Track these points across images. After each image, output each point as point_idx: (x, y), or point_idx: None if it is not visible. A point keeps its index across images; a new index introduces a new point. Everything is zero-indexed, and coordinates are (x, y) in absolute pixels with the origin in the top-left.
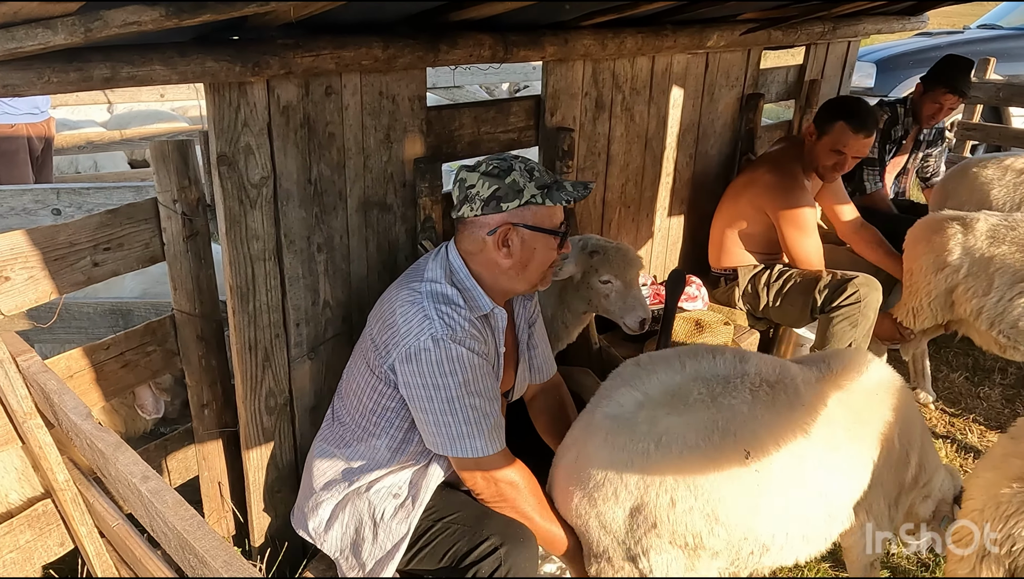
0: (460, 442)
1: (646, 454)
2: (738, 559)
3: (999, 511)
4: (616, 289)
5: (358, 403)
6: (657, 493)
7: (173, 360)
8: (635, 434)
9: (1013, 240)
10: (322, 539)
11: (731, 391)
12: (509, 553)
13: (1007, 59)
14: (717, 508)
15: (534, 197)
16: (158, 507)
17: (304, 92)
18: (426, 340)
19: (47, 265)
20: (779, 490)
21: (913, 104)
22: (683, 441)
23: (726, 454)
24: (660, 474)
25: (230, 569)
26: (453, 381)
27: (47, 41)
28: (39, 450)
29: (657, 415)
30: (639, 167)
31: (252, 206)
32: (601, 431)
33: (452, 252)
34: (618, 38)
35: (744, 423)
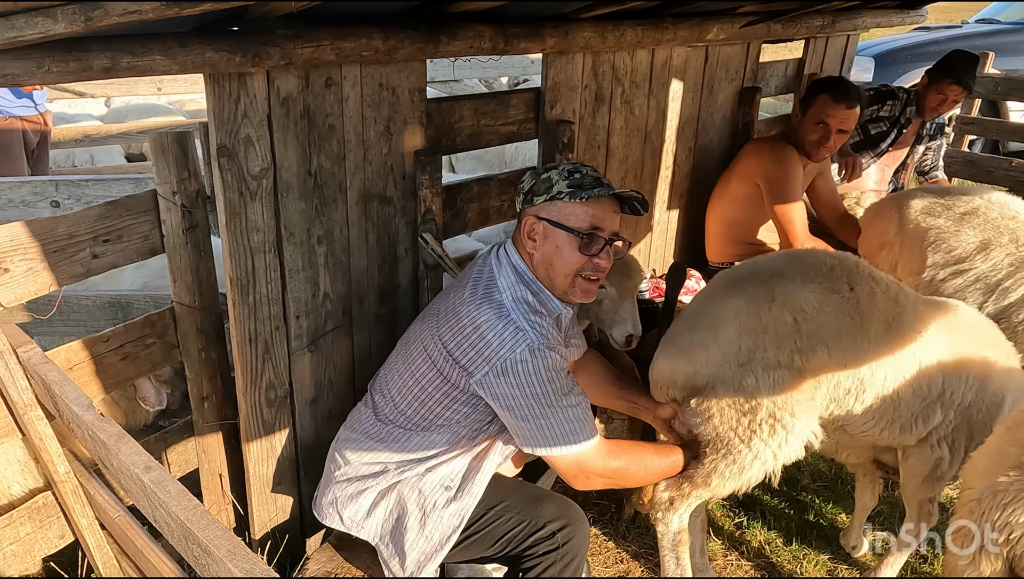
0: (564, 440)
1: (763, 281)
2: (837, 394)
3: (996, 500)
4: (609, 297)
5: (420, 406)
6: (773, 308)
7: (173, 353)
8: (756, 271)
9: (949, 217)
10: (360, 527)
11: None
12: (570, 533)
13: (1005, 53)
14: (824, 329)
15: (560, 193)
16: (161, 497)
17: (304, 83)
18: (523, 351)
19: (46, 257)
20: (878, 330)
21: (917, 96)
22: (795, 272)
23: (835, 285)
24: (774, 293)
25: (234, 558)
26: (551, 388)
27: (47, 30)
28: (40, 442)
29: (775, 263)
30: (638, 160)
31: (252, 198)
32: (721, 279)
33: (512, 254)
34: (618, 31)
35: (848, 268)
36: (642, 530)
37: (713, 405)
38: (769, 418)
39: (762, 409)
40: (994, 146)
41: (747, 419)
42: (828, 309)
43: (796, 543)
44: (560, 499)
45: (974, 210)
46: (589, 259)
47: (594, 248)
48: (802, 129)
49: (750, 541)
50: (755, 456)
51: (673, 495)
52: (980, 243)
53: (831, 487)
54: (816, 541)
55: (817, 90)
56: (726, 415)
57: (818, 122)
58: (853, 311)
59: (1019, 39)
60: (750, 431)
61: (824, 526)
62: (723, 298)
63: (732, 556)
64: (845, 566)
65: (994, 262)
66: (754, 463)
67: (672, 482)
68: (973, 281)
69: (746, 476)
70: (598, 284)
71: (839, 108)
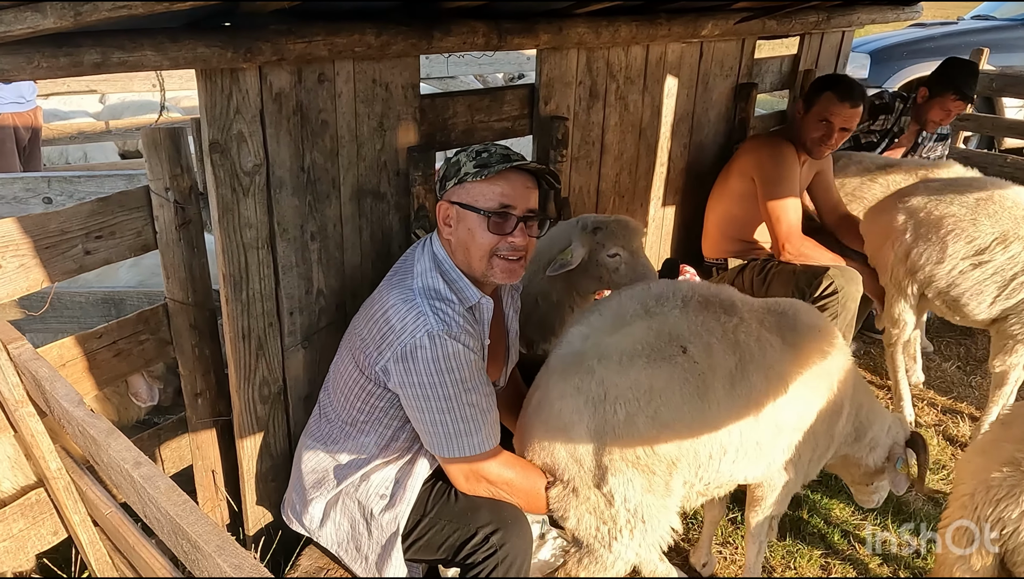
0: (458, 440)
1: (591, 372)
2: (699, 465)
3: (989, 495)
4: (625, 260)
5: (345, 402)
6: (607, 408)
7: (166, 349)
8: (582, 359)
9: (963, 204)
10: (317, 535)
11: (663, 303)
12: (504, 537)
13: (1000, 50)
14: (662, 410)
15: (467, 175)
16: (150, 493)
17: (297, 79)
18: (422, 337)
19: (38, 253)
20: (723, 386)
21: (916, 108)
22: (621, 351)
23: (663, 353)
24: (604, 387)
25: (223, 554)
26: (450, 378)
27: (36, 25)
28: (31, 438)
29: (600, 339)
30: (633, 156)
31: (245, 194)
32: (556, 369)
33: (436, 243)
34: (612, 26)
35: (676, 324)
36: None
37: (569, 507)
38: (627, 523)
39: (619, 516)
40: (989, 143)
41: (607, 527)
42: (660, 386)
43: (789, 539)
44: (493, 503)
45: (988, 197)
46: (503, 238)
47: (507, 227)
48: (804, 126)
49: (744, 535)
50: (617, 557)
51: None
52: (999, 234)
53: (824, 483)
54: (809, 537)
55: (821, 88)
56: (586, 522)
57: (821, 120)
58: (690, 376)
59: (1014, 35)
60: (610, 538)
61: (817, 522)
62: (562, 399)
63: (726, 551)
64: (838, 562)
65: (1012, 254)
66: (617, 563)
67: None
68: (991, 274)
69: (611, 573)
70: (522, 264)
71: (843, 106)
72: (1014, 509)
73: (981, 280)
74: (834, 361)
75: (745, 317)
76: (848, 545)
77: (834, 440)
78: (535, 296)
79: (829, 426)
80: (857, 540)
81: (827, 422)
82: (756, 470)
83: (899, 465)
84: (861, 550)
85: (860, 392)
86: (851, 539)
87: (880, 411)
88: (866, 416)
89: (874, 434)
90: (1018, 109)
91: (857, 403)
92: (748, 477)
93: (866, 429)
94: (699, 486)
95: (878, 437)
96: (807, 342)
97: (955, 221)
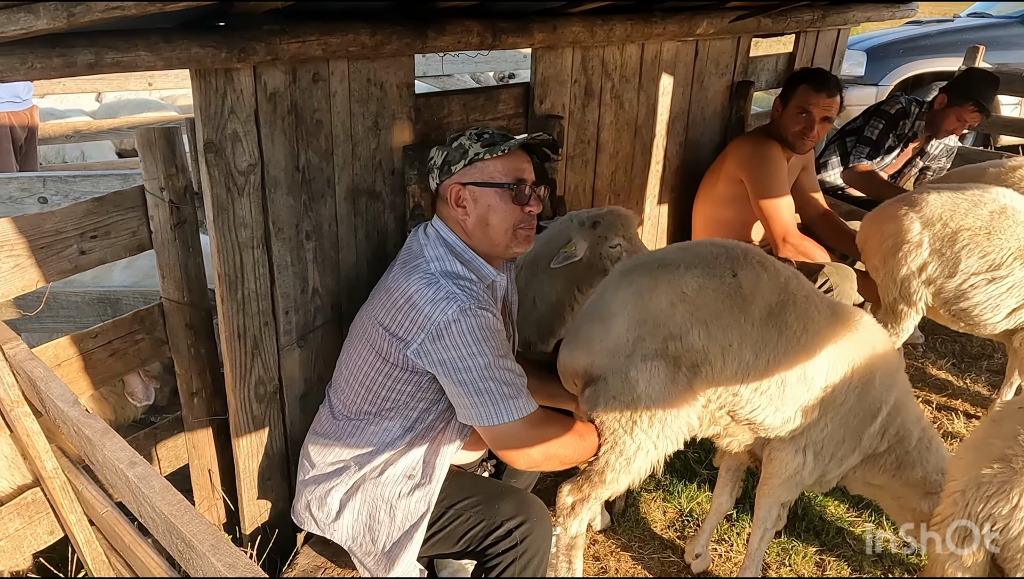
0: (505, 404)
1: (650, 272)
2: (723, 378)
3: (980, 492)
4: (626, 249)
5: (367, 393)
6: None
7: (162, 348)
8: (645, 263)
9: (978, 217)
10: (332, 529)
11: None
12: (528, 530)
13: (997, 47)
14: (702, 310)
15: (477, 154)
16: (145, 492)
17: (291, 79)
18: (454, 312)
19: (33, 253)
20: (760, 314)
21: (932, 114)
22: (681, 260)
23: (716, 271)
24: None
25: (217, 552)
26: (488, 347)
27: (29, 26)
28: (27, 438)
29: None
30: (629, 155)
31: (240, 194)
32: (616, 272)
33: (441, 228)
34: (607, 25)
35: (736, 256)
36: (632, 523)
37: (600, 395)
38: (646, 409)
39: (640, 401)
40: (985, 140)
41: (628, 411)
42: (708, 292)
43: (785, 536)
44: (519, 495)
45: (1001, 210)
46: (522, 209)
47: (525, 197)
48: (784, 121)
49: (739, 533)
50: (638, 446)
51: (575, 499)
52: (1017, 249)
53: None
54: (804, 534)
55: (796, 81)
56: (611, 406)
57: (801, 112)
58: (735, 294)
59: (1010, 33)
60: (631, 422)
61: (812, 519)
62: (615, 290)
63: (721, 549)
64: (833, 558)
65: None
66: (638, 454)
67: (574, 486)
68: (1009, 288)
69: (634, 467)
70: (534, 232)
71: (820, 96)
72: (1004, 505)
73: (996, 294)
74: (881, 357)
75: (802, 279)
76: (843, 542)
77: (861, 445)
78: (532, 297)
79: (860, 424)
80: (852, 537)
81: (859, 418)
82: (775, 417)
83: None
84: (856, 546)
85: (909, 414)
86: (846, 536)
87: (940, 453)
88: (916, 449)
89: (927, 474)
90: (1014, 107)
91: (901, 422)
92: (767, 421)
93: (914, 464)
94: (715, 404)
95: (935, 482)
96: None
97: (970, 236)
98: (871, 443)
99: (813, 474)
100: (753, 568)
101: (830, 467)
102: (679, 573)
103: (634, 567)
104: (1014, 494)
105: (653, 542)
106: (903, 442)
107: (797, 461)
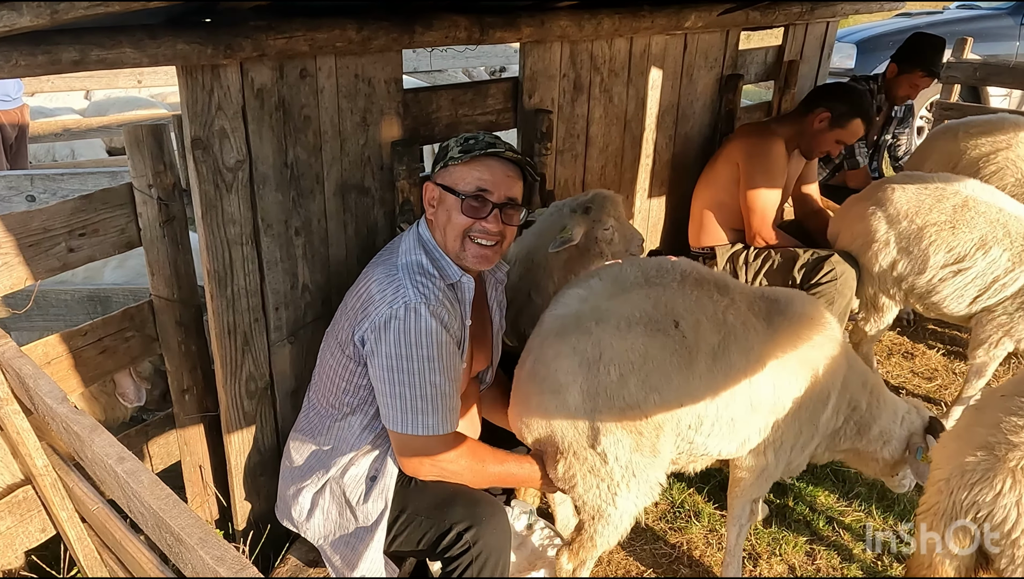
0: (413, 417)
1: (588, 333)
2: (679, 434)
3: (964, 479)
4: (616, 229)
5: (331, 385)
6: (602, 368)
7: (152, 346)
8: (579, 320)
9: (942, 211)
10: (305, 528)
11: (663, 275)
12: (477, 534)
13: (985, 39)
14: (652, 376)
15: (452, 158)
16: (134, 487)
17: (278, 75)
18: (398, 307)
19: (21, 251)
20: (705, 362)
21: (887, 84)
22: (620, 316)
23: (659, 324)
24: (600, 349)
25: (205, 546)
26: (418, 353)
27: (12, 23)
28: (17, 436)
29: (599, 302)
30: (618, 149)
31: (228, 190)
32: (552, 329)
33: (422, 224)
34: (595, 19)
35: (672, 297)
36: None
37: (575, 473)
38: (622, 478)
39: (615, 471)
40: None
41: (606, 484)
42: (654, 354)
43: (775, 526)
44: (468, 498)
45: (963, 203)
46: (475, 221)
47: (482, 211)
48: (820, 138)
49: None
50: (622, 512)
51: (575, 565)
52: (978, 240)
53: (809, 471)
54: (795, 524)
55: (854, 113)
56: (588, 482)
57: (840, 141)
58: (680, 348)
59: (999, 24)
60: (611, 493)
61: (802, 509)
62: (556, 356)
63: (712, 538)
64: (823, 547)
65: (992, 259)
66: (623, 518)
67: (570, 554)
68: (972, 280)
69: (622, 527)
70: (496, 250)
71: (862, 131)
72: (988, 492)
73: (962, 285)
74: (820, 350)
75: (736, 299)
76: (832, 531)
77: (818, 430)
78: (528, 291)
79: (812, 414)
80: (841, 526)
81: (810, 410)
82: (730, 446)
83: (919, 455)
84: (845, 535)
85: (855, 385)
86: (836, 525)
87: (888, 403)
88: (868, 410)
89: (882, 427)
90: (1003, 98)
91: (851, 396)
92: (723, 452)
93: (870, 423)
94: (673, 453)
95: (889, 430)
96: (793, 329)
97: (936, 231)
98: (828, 425)
99: (778, 469)
100: (735, 565)
101: (793, 457)
102: (670, 565)
103: (626, 559)
104: (997, 481)
105: (645, 534)
106: (856, 410)
107: (760, 462)
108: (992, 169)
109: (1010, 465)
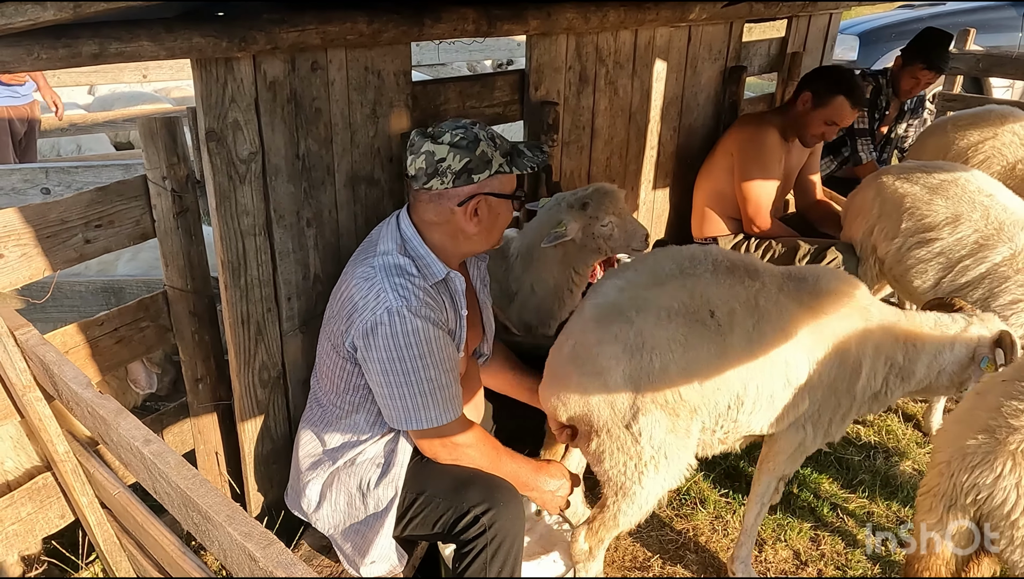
0: (416, 414)
1: (630, 322)
2: (719, 414)
3: (965, 462)
4: (616, 224)
5: (330, 384)
6: (644, 356)
7: (166, 335)
8: (620, 309)
9: (926, 184)
10: (314, 518)
11: (696, 265)
12: (494, 517)
13: (988, 30)
14: (691, 363)
15: (501, 166)
16: (161, 468)
17: (290, 67)
18: (381, 314)
19: (40, 242)
20: (741, 346)
21: (893, 77)
22: (659, 306)
23: (697, 314)
24: (642, 338)
25: (233, 522)
26: (408, 354)
27: (36, 17)
28: (39, 422)
29: (637, 293)
30: (623, 140)
31: (241, 181)
32: (593, 317)
33: (404, 221)
34: (601, 11)
35: (707, 287)
36: None
37: (604, 449)
38: (652, 459)
39: (646, 451)
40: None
41: (633, 462)
42: (694, 342)
43: (780, 513)
44: (486, 482)
45: (953, 181)
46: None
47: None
48: (809, 121)
49: (736, 511)
50: (648, 492)
51: (591, 544)
52: (951, 215)
53: (814, 458)
54: (799, 510)
55: (835, 89)
56: (616, 459)
57: (830, 123)
58: (716, 336)
59: (1001, 15)
60: (638, 472)
61: (807, 496)
62: (599, 343)
63: (718, 525)
64: (827, 533)
65: (960, 236)
66: (648, 498)
67: (589, 531)
68: (936, 254)
69: (645, 508)
70: None
71: (853, 113)
72: (988, 475)
73: (926, 259)
74: (848, 322)
75: (767, 283)
76: (836, 517)
77: (856, 399)
78: (530, 284)
79: (849, 385)
80: (845, 513)
81: (846, 381)
82: (771, 421)
83: (984, 364)
84: (849, 522)
85: (887, 345)
86: (840, 512)
87: (927, 344)
88: (906, 360)
89: (928, 365)
90: (1005, 89)
91: (885, 355)
92: (764, 427)
93: (912, 370)
94: (719, 434)
95: (935, 364)
96: (820, 305)
97: (913, 199)
98: (865, 391)
99: (816, 442)
100: (749, 544)
101: (832, 429)
102: (676, 551)
103: (632, 545)
104: (997, 464)
105: (651, 520)
106: (892, 366)
107: (799, 436)
108: (980, 158)
109: (1010, 448)
